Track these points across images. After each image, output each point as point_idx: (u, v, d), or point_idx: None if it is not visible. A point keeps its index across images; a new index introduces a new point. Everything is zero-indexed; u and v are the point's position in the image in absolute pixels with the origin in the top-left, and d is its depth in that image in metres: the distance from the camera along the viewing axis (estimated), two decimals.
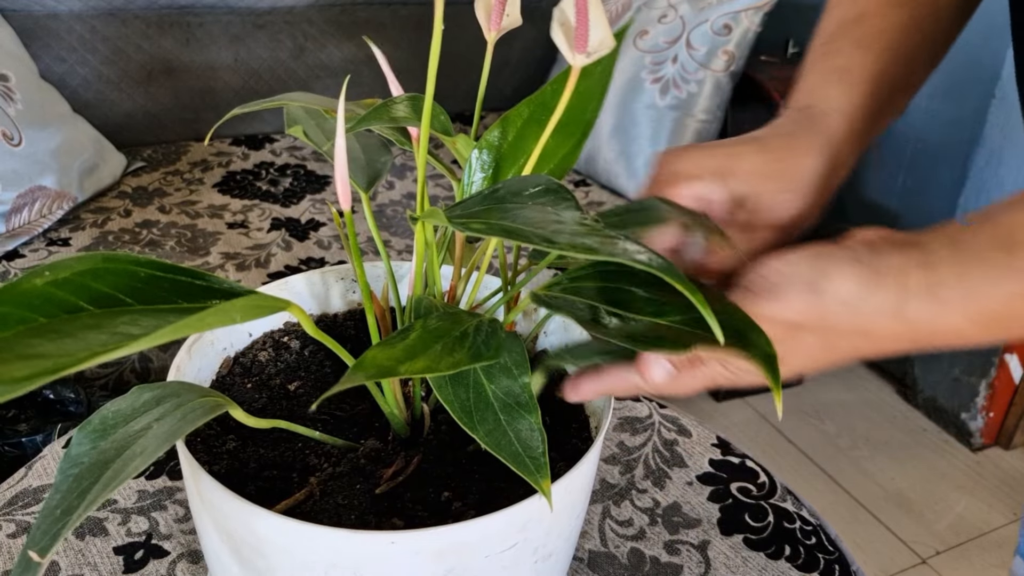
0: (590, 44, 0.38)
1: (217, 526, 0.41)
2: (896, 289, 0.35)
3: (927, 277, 0.35)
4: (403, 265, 0.55)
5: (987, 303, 0.35)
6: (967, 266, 0.35)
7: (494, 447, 0.37)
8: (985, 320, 0.35)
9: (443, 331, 0.38)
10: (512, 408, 0.38)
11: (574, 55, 0.39)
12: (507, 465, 0.36)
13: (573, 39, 0.38)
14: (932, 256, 0.35)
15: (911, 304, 0.35)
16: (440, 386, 0.38)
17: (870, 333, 0.36)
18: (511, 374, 0.40)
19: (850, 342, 0.37)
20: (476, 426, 0.37)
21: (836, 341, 0.37)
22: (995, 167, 1.64)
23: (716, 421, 1.79)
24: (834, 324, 0.36)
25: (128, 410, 0.38)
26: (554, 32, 0.39)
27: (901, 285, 0.35)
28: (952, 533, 1.58)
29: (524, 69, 1.95)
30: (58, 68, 1.55)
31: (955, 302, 0.35)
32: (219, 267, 1.30)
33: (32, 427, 1.01)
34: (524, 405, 0.39)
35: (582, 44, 0.38)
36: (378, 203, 1.55)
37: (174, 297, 0.34)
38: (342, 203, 0.40)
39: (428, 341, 0.37)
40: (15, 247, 1.30)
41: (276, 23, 1.71)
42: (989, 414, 1.77)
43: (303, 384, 0.51)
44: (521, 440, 0.37)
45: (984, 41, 1.61)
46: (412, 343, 0.37)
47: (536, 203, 0.36)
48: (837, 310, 0.36)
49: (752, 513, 0.64)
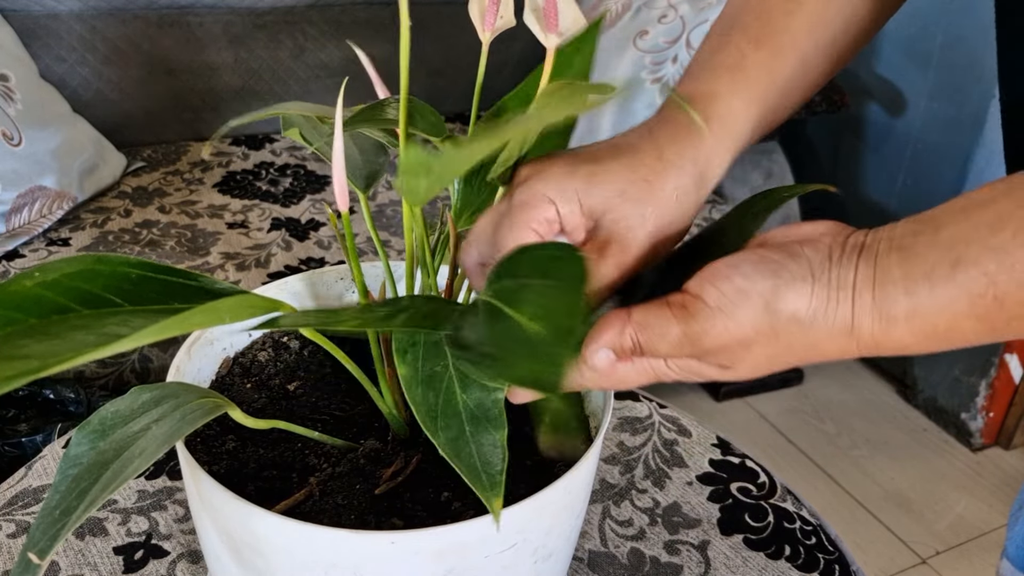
0: (561, 24, 0.39)
1: (217, 526, 0.41)
2: (848, 308, 0.36)
3: (878, 294, 0.35)
4: (402, 265, 0.55)
5: (933, 320, 0.35)
6: (915, 282, 0.35)
7: (453, 456, 0.36)
8: (928, 335, 0.35)
9: (422, 307, 0.38)
10: (480, 420, 0.38)
11: (547, 36, 0.39)
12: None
13: (543, 19, 0.39)
14: (882, 272, 0.35)
15: (862, 322, 0.36)
16: (410, 386, 0.38)
17: (818, 346, 0.37)
18: (485, 387, 0.39)
19: (797, 355, 0.37)
20: (438, 431, 0.37)
21: (784, 354, 0.37)
22: (995, 167, 1.64)
23: (716, 421, 1.79)
24: (786, 340, 0.37)
25: (127, 411, 0.38)
26: (527, 17, 0.39)
27: (852, 303, 0.36)
28: (952, 533, 1.58)
29: (523, 69, 1.95)
30: (58, 68, 1.55)
31: (902, 321, 0.35)
32: (219, 267, 1.30)
33: (32, 427, 1.01)
34: (493, 420, 0.38)
35: (552, 24, 0.39)
36: (377, 203, 1.55)
37: (166, 298, 0.34)
38: (340, 205, 0.40)
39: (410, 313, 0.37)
40: (15, 247, 1.30)
41: (276, 23, 1.71)
42: (989, 414, 1.77)
43: (302, 384, 0.51)
44: (482, 454, 0.37)
45: (984, 41, 1.61)
46: (393, 311, 0.37)
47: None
48: (790, 328, 0.36)
49: (752, 513, 0.64)
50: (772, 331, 0.36)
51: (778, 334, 0.36)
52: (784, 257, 0.37)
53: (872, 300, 0.35)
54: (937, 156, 1.77)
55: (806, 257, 0.37)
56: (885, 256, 0.36)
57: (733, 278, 0.37)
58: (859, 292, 0.36)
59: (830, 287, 0.36)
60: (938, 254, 0.35)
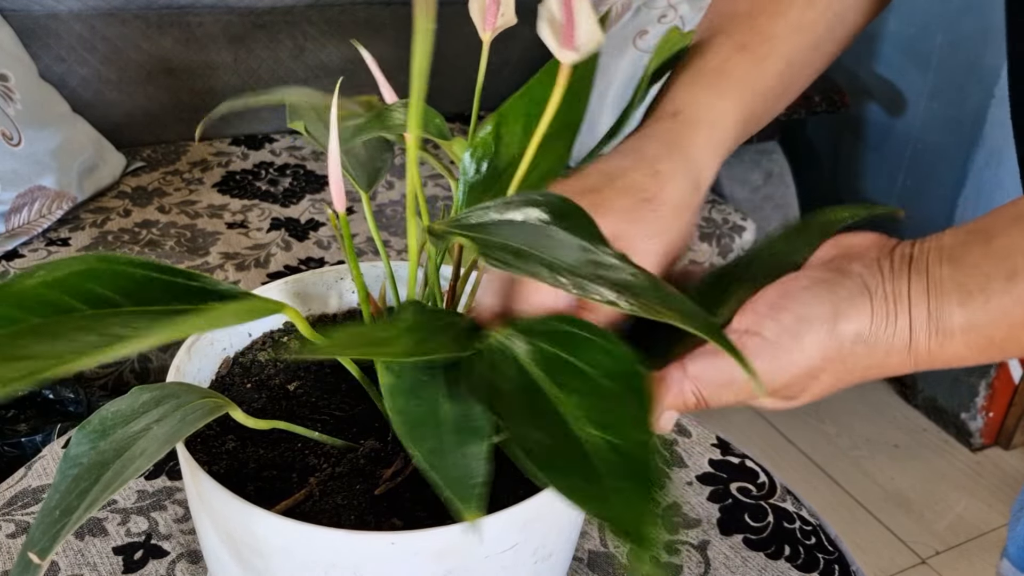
0: (578, 40, 0.37)
1: (216, 526, 0.41)
2: (905, 322, 0.35)
3: (932, 308, 0.34)
4: (402, 265, 0.55)
5: (989, 332, 0.34)
6: (969, 295, 0.34)
7: (432, 467, 0.32)
8: (984, 347, 0.35)
9: (421, 324, 0.37)
10: (465, 431, 0.34)
11: (563, 52, 0.38)
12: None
13: (560, 35, 0.38)
14: (934, 284, 0.35)
15: (919, 336, 0.35)
16: (393, 395, 0.35)
17: (880, 365, 0.36)
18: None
19: (858, 375, 0.37)
20: (416, 443, 0.33)
21: (847, 376, 0.37)
22: (995, 167, 1.64)
23: (716, 421, 1.79)
24: (851, 363, 0.36)
25: (127, 411, 0.38)
26: (541, 30, 0.38)
27: (910, 316, 0.35)
28: (952, 533, 1.58)
29: (523, 69, 1.95)
30: (57, 68, 1.54)
31: (958, 334, 0.34)
32: (218, 267, 1.30)
33: (32, 427, 1.01)
34: (478, 431, 0.34)
35: (570, 40, 0.37)
36: (378, 203, 1.55)
37: (168, 299, 0.34)
38: (336, 205, 0.40)
39: (406, 331, 0.36)
40: (15, 247, 1.30)
41: (276, 23, 1.71)
42: (989, 414, 1.77)
43: (303, 384, 0.51)
44: (464, 465, 0.33)
45: (984, 41, 1.61)
46: (393, 333, 0.36)
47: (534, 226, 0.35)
48: (856, 350, 0.35)
49: (752, 513, 0.64)
50: (839, 355, 0.35)
51: (845, 358, 0.35)
52: (835, 276, 0.36)
53: (927, 314, 0.35)
54: (937, 156, 1.77)
55: (857, 273, 0.36)
56: (936, 267, 0.35)
57: (790, 307, 0.35)
58: (914, 305, 0.35)
59: (887, 301, 0.35)
60: (992, 265, 0.34)
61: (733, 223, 1.59)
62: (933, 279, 0.35)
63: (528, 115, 0.47)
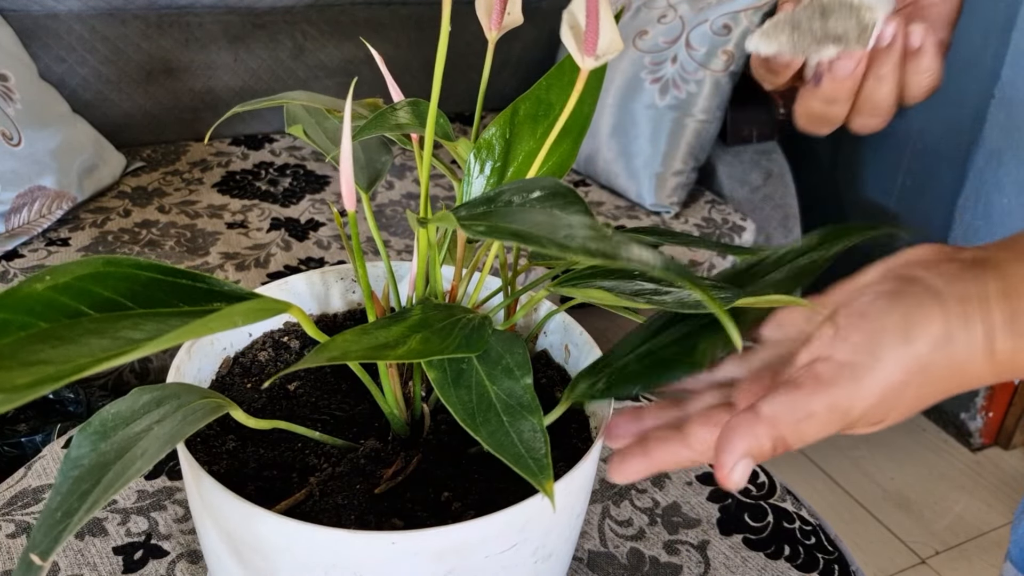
0: (600, 47, 0.38)
1: (217, 526, 0.41)
2: (983, 322, 0.33)
3: (1008, 307, 0.32)
4: (403, 265, 0.55)
5: None
6: None
7: (497, 448, 0.37)
8: None
9: (433, 320, 0.39)
10: (514, 409, 0.38)
11: (583, 58, 0.39)
12: (508, 465, 0.36)
13: (583, 42, 0.39)
14: (1009, 282, 0.33)
15: (997, 338, 0.33)
16: (443, 388, 0.38)
17: (964, 372, 0.33)
18: (513, 375, 0.40)
19: (943, 385, 0.34)
20: (479, 428, 0.37)
21: (929, 388, 0.34)
22: (995, 167, 1.64)
23: None
24: (933, 372, 0.33)
25: (128, 412, 0.38)
26: (564, 34, 0.39)
27: (986, 318, 0.33)
28: (951, 533, 1.58)
29: (524, 69, 1.95)
30: (57, 68, 1.54)
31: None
32: (218, 267, 1.30)
33: (32, 427, 1.01)
34: (527, 406, 0.39)
35: (592, 47, 0.38)
36: (377, 203, 1.55)
37: (175, 300, 0.34)
38: (347, 204, 0.40)
39: (417, 329, 0.38)
40: (14, 247, 1.30)
41: (276, 23, 1.71)
42: (988, 414, 1.77)
43: (303, 384, 0.51)
44: (524, 441, 0.37)
45: (984, 41, 1.61)
46: (399, 331, 0.37)
47: (544, 207, 0.36)
48: (934, 358, 0.33)
49: (752, 513, 0.64)
50: (919, 366, 0.33)
51: (925, 368, 0.33)
52: (899, 285, 0.34)
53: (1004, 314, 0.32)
54: (937, 156, 1.78)
55: (921, 278, 0.34)
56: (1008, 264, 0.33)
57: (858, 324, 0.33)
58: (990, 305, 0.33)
59: (961, 302, 0.33)
60: None
61: (733, 223, 1.59)
62: (1008, 279, 0.33)
63: (534, 117, 0.47)
